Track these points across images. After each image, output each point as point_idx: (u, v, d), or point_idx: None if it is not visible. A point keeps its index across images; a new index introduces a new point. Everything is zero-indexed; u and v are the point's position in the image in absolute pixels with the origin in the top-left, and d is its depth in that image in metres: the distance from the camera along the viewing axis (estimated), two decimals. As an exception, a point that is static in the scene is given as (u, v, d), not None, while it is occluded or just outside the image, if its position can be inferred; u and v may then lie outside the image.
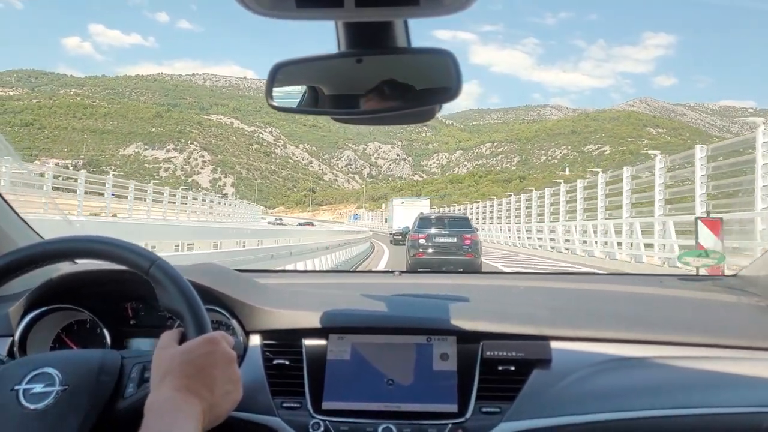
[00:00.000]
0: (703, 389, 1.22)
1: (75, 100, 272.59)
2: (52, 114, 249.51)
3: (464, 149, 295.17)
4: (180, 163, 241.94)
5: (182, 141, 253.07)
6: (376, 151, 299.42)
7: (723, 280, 1.83)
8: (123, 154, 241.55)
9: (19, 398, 0.95)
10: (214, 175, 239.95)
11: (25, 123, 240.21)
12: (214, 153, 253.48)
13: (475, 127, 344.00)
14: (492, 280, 2.05)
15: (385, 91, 0.90)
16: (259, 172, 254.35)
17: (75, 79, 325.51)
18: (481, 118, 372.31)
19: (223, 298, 1.37)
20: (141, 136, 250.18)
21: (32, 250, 1.07)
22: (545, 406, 1.21)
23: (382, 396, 1.25)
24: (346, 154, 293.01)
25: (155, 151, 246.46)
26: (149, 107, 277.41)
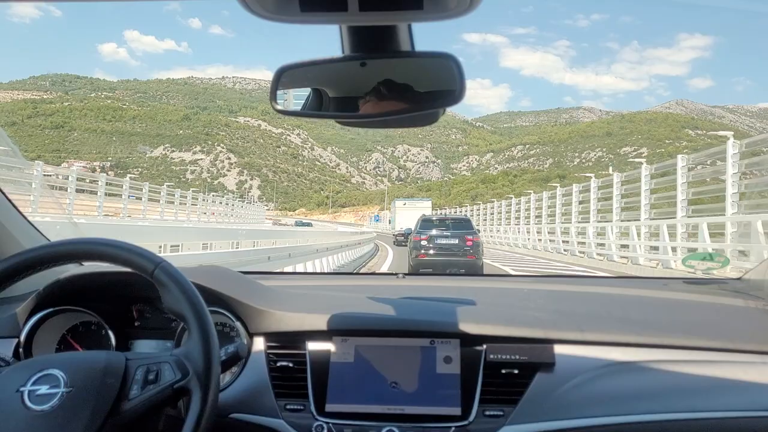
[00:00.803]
0: (707, 393, 1.21)
1: (105, 102, 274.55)
2: (83, 117, 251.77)
3: (495, 152, 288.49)
4: (206, 166, 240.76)
5: (209, 143, 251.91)
6: (405, 153, 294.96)
7: (728, 283, 1.82)
8: (150, 156, 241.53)
9: (24, 399, 0.95)
10: (240, 178, 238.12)
11: (56, 125, 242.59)
12: (241, 155, 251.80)
13: (505, 130, 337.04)
14: (495, 282, 2.02)
15: (389, 94, 0.89)
16: (286, 174, 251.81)
17: (107, 83, 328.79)
18: (511, 120, 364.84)
19: (227, 300, 1.37)
20: (168, 138, 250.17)
21: (38, 252, 1.08)
22: (548, 410, 1.20)
23: (386, 399, 1.25)
24: (374, 156, 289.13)
25: (182, 153, 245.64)
26: (178, 110, 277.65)
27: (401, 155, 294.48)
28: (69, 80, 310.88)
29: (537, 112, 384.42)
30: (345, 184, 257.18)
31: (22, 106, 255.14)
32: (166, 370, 1.01)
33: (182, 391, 1.00)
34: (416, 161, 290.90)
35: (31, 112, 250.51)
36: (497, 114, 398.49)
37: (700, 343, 1.30)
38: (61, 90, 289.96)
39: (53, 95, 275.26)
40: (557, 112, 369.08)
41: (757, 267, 1.75)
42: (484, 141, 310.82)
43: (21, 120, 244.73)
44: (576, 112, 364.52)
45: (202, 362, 1.00)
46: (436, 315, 1.37)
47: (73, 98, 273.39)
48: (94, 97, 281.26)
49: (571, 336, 1.31)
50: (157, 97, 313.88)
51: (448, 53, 0.88)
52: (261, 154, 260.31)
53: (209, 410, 0.97)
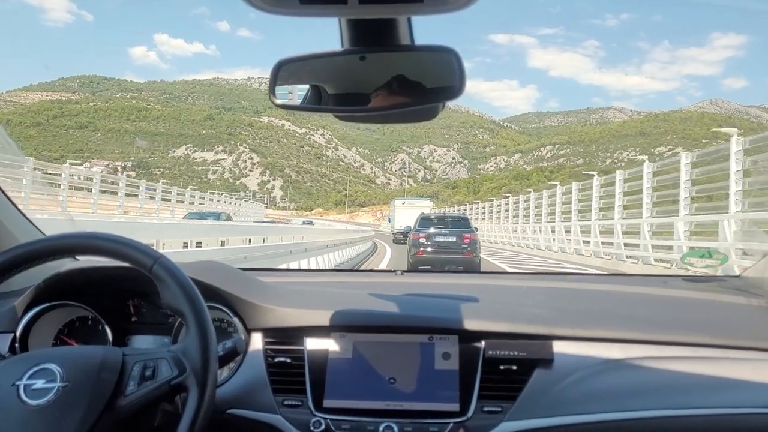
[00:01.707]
0: (706, 390, 1.21)
1: (130, 103, 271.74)
2: (107, 117, 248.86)
3: (523, 152, 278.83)
4: (228, 166, 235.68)
5: (231, 143, 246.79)
6: (431, 154, 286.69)
7: (727, 281, 1.81)
8: (172, 156, 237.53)
9: (20, 394, 0.94)
10: (263, 178, 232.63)
11: (80, 125, 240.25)
12: (264, 155, 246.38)
13: (534, 130, 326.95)
14: (494, 279, 2.04)
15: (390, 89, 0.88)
16: (309, 174, 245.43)
17: (134, 84, 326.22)
18: (540, 121, 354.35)
19: (226, 295, 1.36)
20: (191, 138, 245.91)
21: (34, 246, 1.06)
22: (547, 406, 1.19)
23: (384, 395, 1.24)
24: (399, 157, 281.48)
25: (204, 153, 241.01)
26: (202, 110, 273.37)
27: (427, 155, 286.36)
28: (97, 81, 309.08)
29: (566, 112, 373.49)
30: (369, 185, 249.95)
31: (48, 107, 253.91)
32: (163, 366, 1.00)
33: (179, 387, 0.99)
34: (442, 162, 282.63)
35: (56, 113, 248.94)
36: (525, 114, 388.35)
37: (698, 340, 1.29)
38: (89, 91, 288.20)
39: (80, 96, 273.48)
40: (587, 112, 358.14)
41: (756, 264, 1.74)
42: (511, 141, 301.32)
43: (46, 120, 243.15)
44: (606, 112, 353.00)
45: (200, 358, 0.99)
46: (435, 311, 1.36)
47: (99, 99, 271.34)
48: (119, 98, 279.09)
49: (569, 332, 1.30)
50: (182, 98, 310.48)
51: (448, 47, 0.87)
52: (284, 154, 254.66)
53: (206, 406, 0.96)
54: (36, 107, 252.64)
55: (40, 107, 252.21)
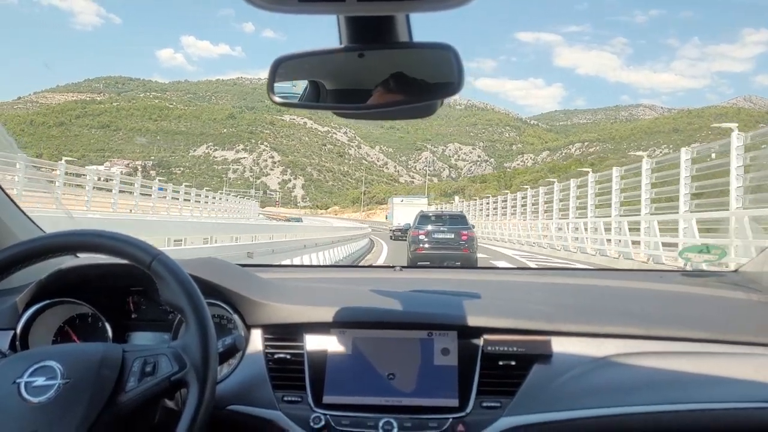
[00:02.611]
0: (704, 384, 1.20)
1: (153, 102, 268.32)
2: (129, 116, 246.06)
3: (551, 150, 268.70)
4: (249, 164, 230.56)
5: (252, 141, 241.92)
6: (456, 152, 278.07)
7: (725, 275, 1.81)
8: (193, 155, 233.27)
9: (21, 391, 0.93)
10: (284, 177, 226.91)
11: (102, 125, 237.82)
12: (285, 154, 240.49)
13: (561, 128, 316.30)
14: (493, 275, 2.00)
15: (389, 86, 0.88)
16: (331, 173, 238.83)
17: (159, 85, 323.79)
18: (567, 118, 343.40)
19: (225, 292, 1.35)
20: (212, 137, 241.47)
21: (34, 243, 1.05)
22: (546, 401, 1.19)
23: (383, 390, 1.24)
24: (424, 155, 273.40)
25: (225, 152, 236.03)
26: (223, 108, 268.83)
27: (452, 154, 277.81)
28: (122, 82, 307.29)
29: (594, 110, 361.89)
30: (393, 184, 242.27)
31: (72, 107, 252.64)
32: (163, 363, 0.99)
33: (179, 383, 0.98)
34: (468, 160, 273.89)
35: (80, 112, 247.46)
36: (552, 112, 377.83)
37: (696, 334, 1.28)
38: (114, 92, 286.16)
39: (104, 96, 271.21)
40: (615, 109, 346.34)
41: (754, 259, 1.74)
42: (539, 139, 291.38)
43: (69, 120, 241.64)
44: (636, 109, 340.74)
45: (200, 354, 0.98)
46: (434, 307, 1.36)
47: (123, 99, 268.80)
48: (143, 98, 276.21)
49: (568, 328, 1.29)
50: (206, 97, 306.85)
51: (446, 44, 0.86)
52: (306, 153, 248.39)
53: (207, 402, 0.95)
54: (60, 107, 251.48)
55: (63, 107, 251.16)
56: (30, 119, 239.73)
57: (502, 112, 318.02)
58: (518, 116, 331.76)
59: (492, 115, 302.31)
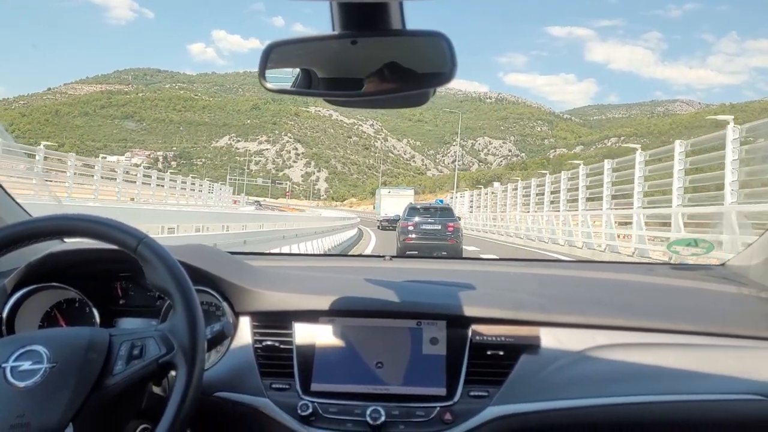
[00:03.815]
0: (689, 376, 1.21)
1: (178, 93, 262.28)
2: (154, 107, 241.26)
3: (585, 144, 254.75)
4: (272, 156, 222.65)
5: (276, 132, 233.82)
6: (486, 146, 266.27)
7: (713, 269, 1.81)
8: (215, 146, 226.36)
9: (7, 375, 0.92)
10: (307, 169, 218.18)
11: (126, 115, 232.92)
12: (309, 145, 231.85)
13: (595, 122, 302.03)
14: (482, 265, 1.99)
15: (381, 74, 0.87)
16: (356, 166, 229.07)
17: (186, 77, 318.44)
18: (600, 113, 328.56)
19: (214, 278, 1.33)
20: (235, 128, 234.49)
21: (19, 227, 1.03)
22: (533, 391, 1.19)
23: (371, 379, 1.23)
24: (452, 149, 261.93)
25: (247, 143, 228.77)
26: (248, 99, 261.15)
27: (481, 148, 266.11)
28: (150, 74, 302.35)
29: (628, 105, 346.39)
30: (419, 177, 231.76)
31: (98, 97, 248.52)
32: (150, 345, 0.98)
33: (167, 365, 0.96)
34: (498, 154, 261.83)
35: (104, 103, 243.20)
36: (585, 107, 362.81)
37: (683, 327, 1.29)
38: (143, 83, 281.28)
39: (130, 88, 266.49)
40: (651, 104, 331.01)
41: (741, 253, 1.75)
42: (572, 133, 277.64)
43: (94, 110, 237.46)
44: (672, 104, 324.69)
45: (188, 337, 0.97)
46: (423, 297, 1.35)
47: (149, 90, 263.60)
48: (168, 89, 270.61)
49: (556, 319, 1.29)
50: (233, 89, 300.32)
51: (439, 32, 0.85)
52: (330, 145, 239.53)
53: (194, 386, 0.94)
54: (86, 98, 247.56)
55: (89, 98, 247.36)
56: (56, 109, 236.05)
57: (533, 105, 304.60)
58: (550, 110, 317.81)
59: (523, 108, 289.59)
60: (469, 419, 1.18)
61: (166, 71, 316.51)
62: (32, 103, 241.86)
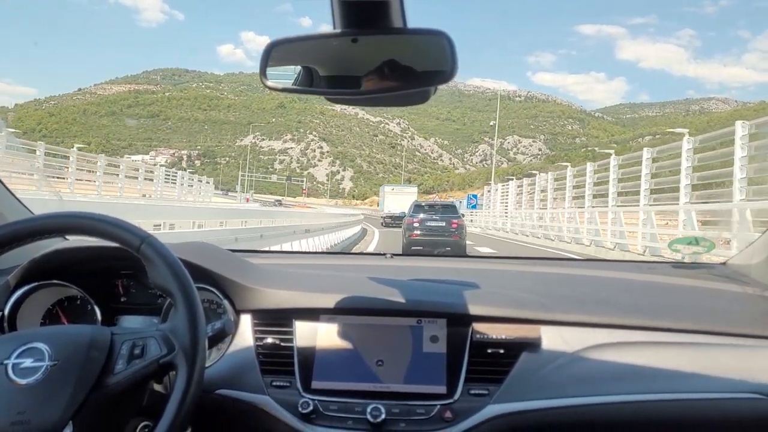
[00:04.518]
0: (690, 375, 1.20)
1: (204, 92, 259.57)
2: (179, 106, 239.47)
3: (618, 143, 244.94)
4: (296, 155, 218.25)
5: (300, 131, 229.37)
6: (515, 145, 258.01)
7: (714, 268, 1.80)
8: (239, 144, 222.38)
9: (8, 373, 0.92)
10: (332, 168, 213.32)
11: (151, 114, 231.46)
12: (334, 144, 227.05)
13: (628, 121, 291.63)
14: (483, 264, 1.99)
15: (382, 72, 0.86)
16: (382, 165, 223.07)
17: (214, 76, 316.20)
18: (633, 111, 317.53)
19: (215, 276, 1.33)
20: (259, 126, 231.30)
21: (22, 225, 1.03)
22: (533, 389, 1.19)
23: (372, 376, 1.23)
24: (481, 148, 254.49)
25: (272, 142, 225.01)
26: (274, 98, 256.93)
27: (511, 147, 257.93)
28: (179, 74, 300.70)
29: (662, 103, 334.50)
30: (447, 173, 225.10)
31: (125, 97, 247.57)
32: (152, 345, 0.97)
33: (168, 366, 0.96)
34: (527, 153, 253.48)
35: (131, 102, 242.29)
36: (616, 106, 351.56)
37: (684, 325, 1.28)
38: (170, 83, 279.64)
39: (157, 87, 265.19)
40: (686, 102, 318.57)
41: (743, 252, 1.73)
42: (604, 132, 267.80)
43: (120, 110, 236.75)
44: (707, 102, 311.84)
45: (189, 337, 0.96)
46: (424, 295, 1.34)
47: (176, 89, 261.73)
48: (194, 88, 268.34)
49: (557, 317, 1.28)
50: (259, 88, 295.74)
51: (440, 30, 0.84)
52: (356, 143, 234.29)
53: (195, 385, 0.94)
54: (113, 97, 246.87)
55: (117, 97, 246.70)
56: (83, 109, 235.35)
57: (564, 104, 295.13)
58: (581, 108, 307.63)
59: (553, 107, 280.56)
60: (469, 417, 1.17)
61: (194, 71, 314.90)
62: (62, 103, 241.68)
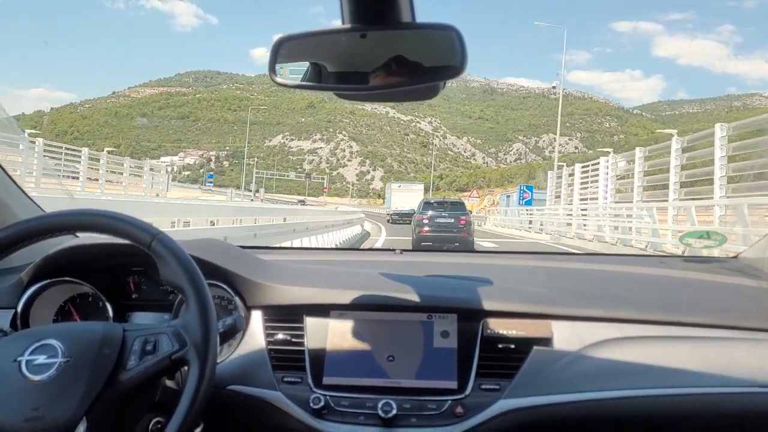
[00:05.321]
0: (702, 369, 1.19)
1: (234, 93, 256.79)
2: (210, 107, 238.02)
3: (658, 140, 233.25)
4: (325, 155, 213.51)
5: (330, 131, 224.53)
6: (551, 143, 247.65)
7: (727, 261, 1.78)
8: (268, 145, 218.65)
9: (22, 369, 0.92)
10: (362, 168, 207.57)
11: (182, 116, 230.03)
12: (364, 143, 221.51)
13: (668, 118, 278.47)
14: (493, 259, 1.99)
15: (390, 68, 0.85)
16: (413, 164, 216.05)
17: (245, 78, 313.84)
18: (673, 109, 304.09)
19: (226, 273, 1.33)
20: (289, 126, 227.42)
21: (34, 222, 1.04)
22: (544, 384, 1.18)
23: (383, 372, 1.23)
24: (515, 147, 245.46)
25: (301, 142, 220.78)
26: (304, 98, 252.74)
27: (546, 145, 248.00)
28: (210, 76, 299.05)
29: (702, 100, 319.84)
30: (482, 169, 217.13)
31: (156, 99, 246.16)
32: (163, 341, 0.97)
33: (180, 362, 0.96)
34: (563, 152, 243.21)
35: (162, 104, 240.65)
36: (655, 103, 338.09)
37: (696, 320, 1.27)
38: (202, 85, 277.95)
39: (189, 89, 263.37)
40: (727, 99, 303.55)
41: (755, 245, 1.71)
42: (644, 129, 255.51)
43: (151, 111, 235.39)
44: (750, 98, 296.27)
45: (200, 333, 0.97)
46: (434, 290, 1.34)
47: (206, 91, 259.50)
48: (225, 89, 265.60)
49: (568, 312, 1.27)
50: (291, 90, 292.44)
51: (449, 25, 0.84)
52: (386, 143, 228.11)
53: (207, 381, 0.94)
54: (145, 99, 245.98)
55: (148, 99, 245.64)
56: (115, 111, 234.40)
57: (601, 101, 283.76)
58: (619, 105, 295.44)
59: (590, 104, 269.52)
60: (480, 412, 1.17)
61: (226, 73, 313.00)
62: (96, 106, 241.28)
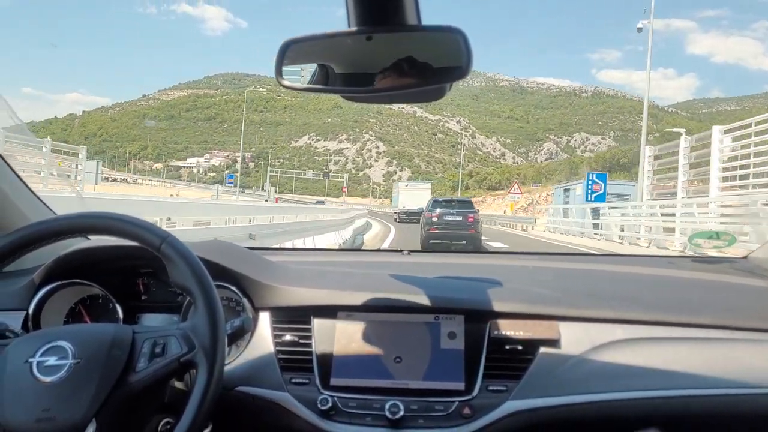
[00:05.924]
0: (710, 370, 1.18)
1: (261, 94, 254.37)
2: (236, 108, 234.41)
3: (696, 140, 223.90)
4: (352, 156, 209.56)
5: (356, 131, 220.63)
6: (583, 143, 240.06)
7: (736, 262, 1.77)
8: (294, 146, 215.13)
9: (33, 370, 0.93)
10: (389, 168, 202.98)
11: (208, 117, 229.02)
12: (391, 144, 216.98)
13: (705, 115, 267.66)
14: (501, 259, 1.98)
15: (402, 69, 0.86)
16: (441, 164, 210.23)
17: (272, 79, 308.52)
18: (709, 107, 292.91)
19: (234, 274, 1.33)
20: (315, 127, 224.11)
21: (45, 225, 1.04)
22: (552, 385, 1.18)
23: (390, 373, 1.23)
24: (546, 146, 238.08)
25: (327, 142, 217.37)
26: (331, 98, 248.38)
27: (578, 145, 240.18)
28: (239, 78, 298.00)
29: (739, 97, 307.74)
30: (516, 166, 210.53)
31: (184, 101, 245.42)
32: (172, 344, 0.98)
33: (189, 364, 0.97)
34: (596, 151, 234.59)
35: (189, 106, 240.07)
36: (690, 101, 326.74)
37: (705, 320, 1.26)
38: (230, 87, 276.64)
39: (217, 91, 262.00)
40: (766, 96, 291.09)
41: (764, 246, 1.70)
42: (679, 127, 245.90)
43: (179, 113, 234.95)
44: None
45: (208, 336, 0.97)
46: (441, 291, 1.33)
47: (233, 92, 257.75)
48: (252, 90, 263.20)
49: (575, 313, 1.26)
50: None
51: (455, 27, 0.83)
52: (414, 143, 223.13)
53: (215, 383, 0.95)
54: (173, 102, 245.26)
55: (177, 101, 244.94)
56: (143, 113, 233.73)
57: (634, 99, 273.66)
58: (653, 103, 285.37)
59: (623, 102, 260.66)
60: (488, 413, 1.17)
61: (254, 75, 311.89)
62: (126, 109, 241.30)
